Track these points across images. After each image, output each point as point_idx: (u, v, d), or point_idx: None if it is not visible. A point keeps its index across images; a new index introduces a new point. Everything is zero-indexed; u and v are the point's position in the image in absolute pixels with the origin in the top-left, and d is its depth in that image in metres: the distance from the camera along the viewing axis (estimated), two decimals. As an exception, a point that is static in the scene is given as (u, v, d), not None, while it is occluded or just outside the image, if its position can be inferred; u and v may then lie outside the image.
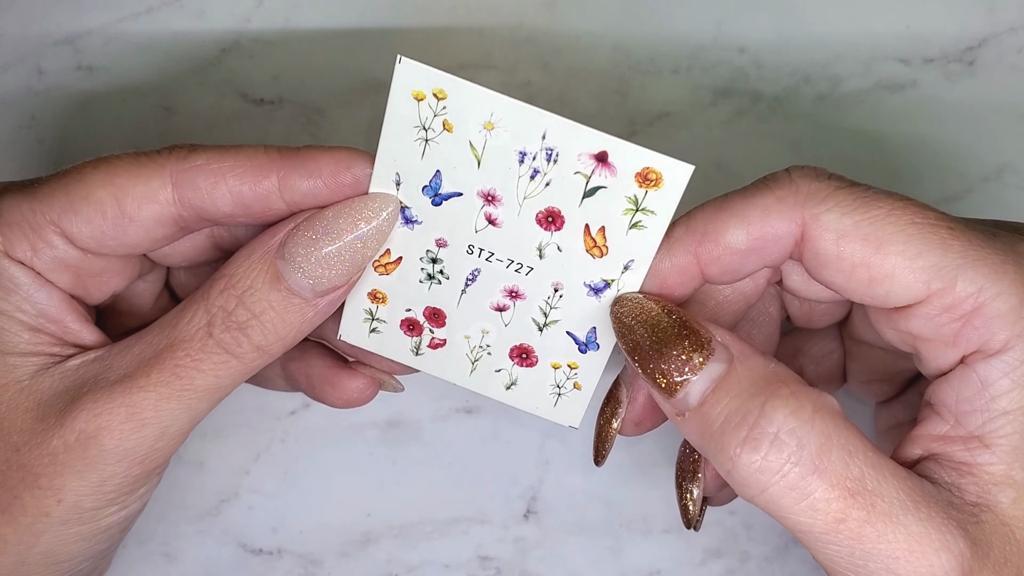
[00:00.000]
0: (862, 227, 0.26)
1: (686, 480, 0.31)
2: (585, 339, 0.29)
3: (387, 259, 0.30)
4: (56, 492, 0.27)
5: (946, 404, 0.27)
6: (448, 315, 0.30)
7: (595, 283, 0.28)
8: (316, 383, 0.33)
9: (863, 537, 0.24)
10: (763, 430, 0.25)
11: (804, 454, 0.25)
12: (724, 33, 0.39)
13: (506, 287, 0.29)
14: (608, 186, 0.27)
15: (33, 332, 0.28)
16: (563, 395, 0.31)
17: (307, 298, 0.28)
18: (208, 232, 0.32)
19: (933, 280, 0.25)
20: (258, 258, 0.28)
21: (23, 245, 0.28)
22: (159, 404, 0.27)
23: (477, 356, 0.31)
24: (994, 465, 0.25)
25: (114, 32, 0.39)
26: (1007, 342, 0.25)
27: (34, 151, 0.39)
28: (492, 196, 0.28)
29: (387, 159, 0.28)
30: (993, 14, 0.39)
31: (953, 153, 0.39)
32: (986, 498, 0.25)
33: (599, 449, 0.31)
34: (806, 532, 0.25)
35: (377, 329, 0.31)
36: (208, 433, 0.39)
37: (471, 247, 0.29)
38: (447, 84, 0.26)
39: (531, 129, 0.26)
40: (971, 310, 0.25)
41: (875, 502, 0.24)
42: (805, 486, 0.24)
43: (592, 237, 0.28)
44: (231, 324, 0.28)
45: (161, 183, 0.28)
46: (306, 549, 0.39)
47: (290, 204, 0.28)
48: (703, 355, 0.26)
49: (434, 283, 0.30)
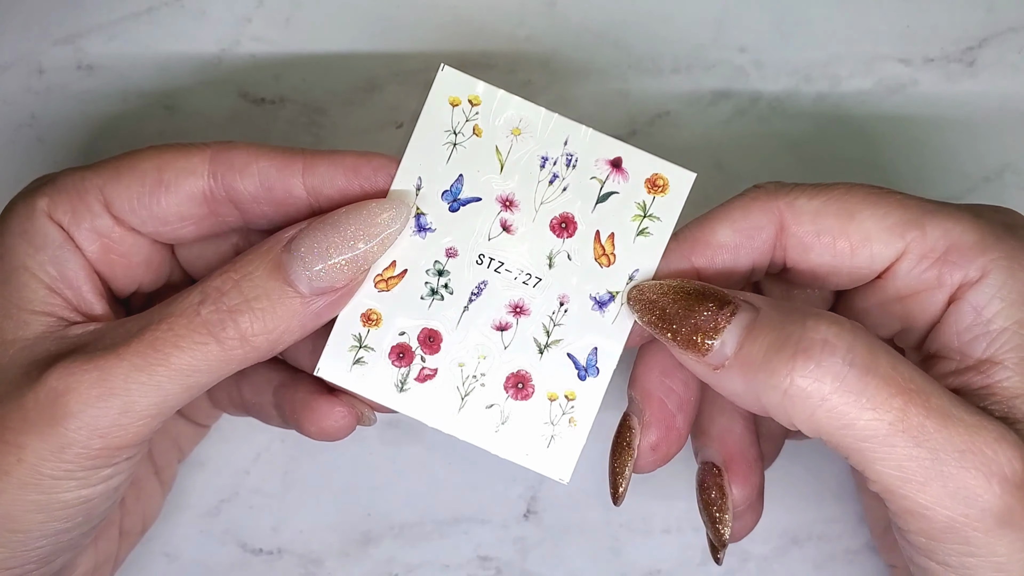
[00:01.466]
0: (830, 204, 0.28)
1: (712, 495, 0.31)
2: (585, 362, 0.30)
3: (390, 273, 0.30)
4: (18, 450, 0.27)
5: (947, 344, 0.28)
6: (444, 338, 0.30)
7: (600, 296, 0.29)
8: (297, 408, 0.31)
9: (928, 432, 0.25)
10: (811, 339, 0.25)
11: (856, 356, 0.25)
12: (724, 33, 0.39)
13: (511, 302, 0.30)
14: (620, 191, 0.29)
15: (49, 292, 0.29)
16: (556, 436, 0.30)
17: (303, 293, 0.28)
18: (233, 242, 0.33)
19: (906, 231, 0.28)
20: (265, 249, 0.28)
21: (65, 207, 0.29)
22: (129, 375, 0.27)
23: (469, 388, 0.30)
24: (1010, 378, 0.27)
25: (114, 32, 0.39)
26: (984, 267, 0.27)
27: (34, 150, 0.39)
28: (510, 201, 0.29)
29: (413, 161, 0.29)
30: (993, 14, 0.39)
31: (953, 153, 0.39)
32: (1012, 412, 0.26)
33: (616, 486, 0.30)
34: (870, 438, 0.25)
35: (362, 359, 0.30)
36: (208, 433, 0.39)
37: (481, 256, 0.29)
38: (484, 92, 0.29)
39: (555, 135, 0.29)
40: (945, 249, 0.28)
41: (929, 399, 0.25)
42: (863, 387, 0.25)
43: (601, 244, 0.29)
44: (221, 306, 0.28)
45: (201, 159, 0.30)
46: (306, 549, 0.39)
47: (309, 191, 0.29)
48: (731, 308, 0.27)
49: (436, 299, 0.30)
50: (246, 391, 0.34)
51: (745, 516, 0.32)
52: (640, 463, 0.30)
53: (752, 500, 0.31)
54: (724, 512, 0.31)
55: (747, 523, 0.32)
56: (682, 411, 0.30)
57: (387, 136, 0.39)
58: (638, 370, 0.30)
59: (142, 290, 0.32)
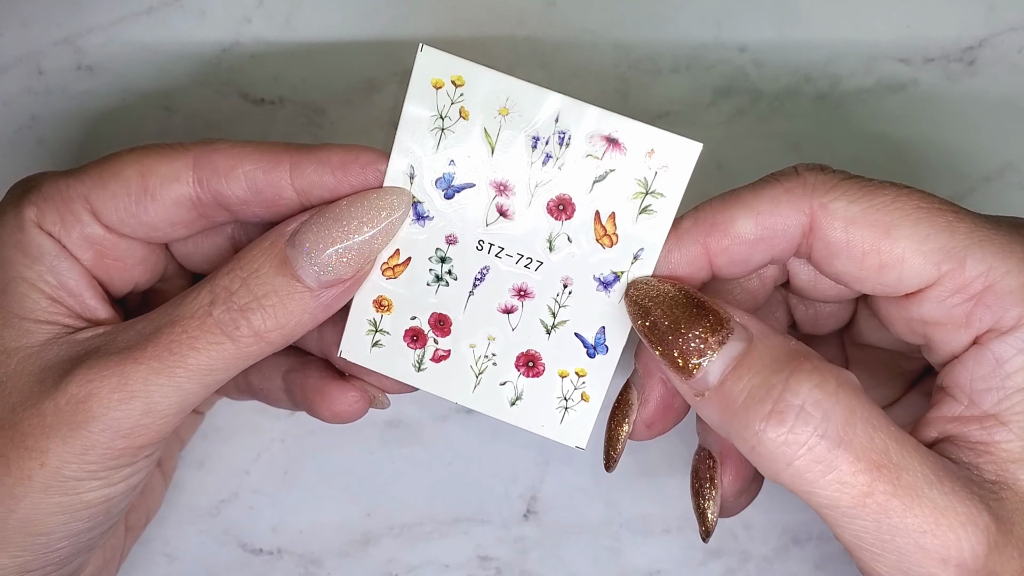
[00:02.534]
0: (869, 214, 0.26)
1: (703, 487, 0.31)
2: (594, 341, 0.29)
3: (395, 261, 0.30)
4: (40, 455, 0.27)
5: (960, 385, 0.27)
6: (454, 321, 0.30)
7: (605, 276, 0.29)
8: (309, 393, 0.32)
9: (890, 511, 0.24)
10: (788, 403, 0.25)
11: (830, 427, 0.24)
12: (724, 33, 0.39)
13: (515, 286, 0.29)
14: (618, 168, 0.27)
15: (52, 302, 0.29)
16: (570, 408, 0.30)
17: (312, 287, 0.28)
18: (228, 234, 0.32)
19: (943, 262, 0.26)
20: (268, 244, 0.28)
21: (54, 217, 0.29)
22: (149, 378, 0.27)
23: (482, 367, 0.30)
24: (1011, 442, 0.25)
25: (114, 32, 0.39)
26: (1020, 318, 0.25)
27: (34, 151, 0.39)
28: (504, 186, 0.28)
29: (403, 150, 0.28)
30: (993, 14, 0.39)
31: (954, 152, 0.39)
32: (1004, 476, 0.25)
33: (609, 454, 0.30)
34: (832, 507, 0.25)
35: (380, 342, 0.31)
36: (208, 433, 0.39)
37: (481, 243, 0.29)
38: (466, 70, 0.27)
39: (544, 112, 0.27)
40: (982, 289, 0.26)
41: (900, 475, 0.24)
42: (832, 459, 0.24)
43: (602, 225, 0.28)
44: (232, 305, 0.28)
45: (184, 164, 0.29)
46: (306, 549, 0.39)
47: (299, 192, 0.29)
48: (722, 334, 0.26)
49: (442, 285, 0.30)
50: (254, 378, 0.34)
51: (740, 499, 0.32)
52: (635, 435, 0.30)
53: (744, 489, 0.31)
54: (711, 501, 0.31)
55: (740, 503, 0.32)
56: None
57: (387, 136, 0.39)
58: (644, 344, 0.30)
59: (138, 288, 0.32)
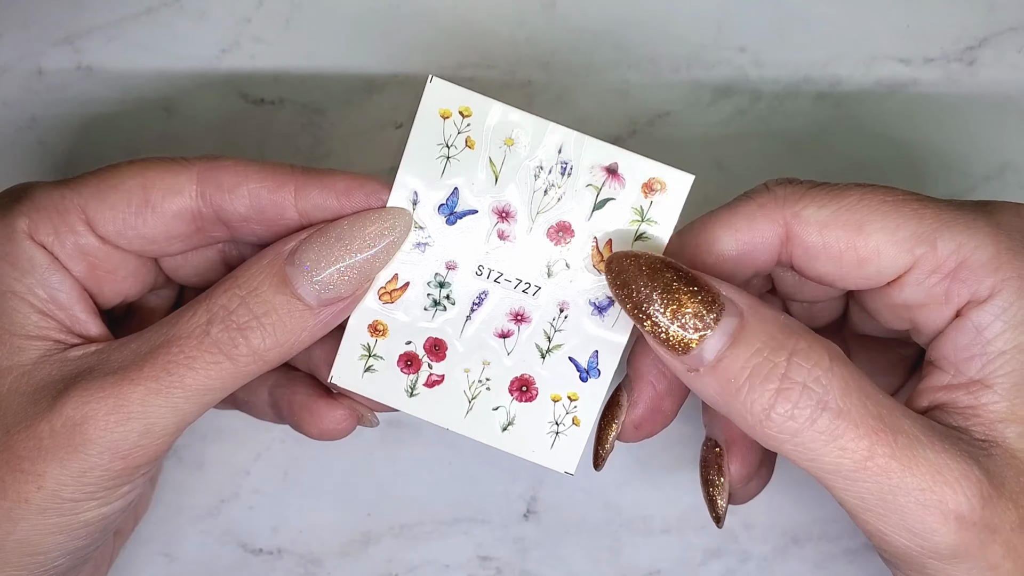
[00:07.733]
0: (840, 215, 0.28)
1: (712, 475, 0.32)
2: (587, 365, 0.30)
3: (393, 285, 0.30)
4: (37, 478, 0.27)
5: (946, 356, 0.28)
6: (449, 346, 0.30)
7: (600, 301, 0.30)
8: (296, 410, 0.32)
9: (890, 472, 0.25)
10: (793, 381, 0.26)
11: (830, 399, 0.26)
12: (724, 33, 0.39)
13: (512, 310, 0.30)
14: (617, 198, 0.29)
15: (42, 316, 0.29)
16: (561, 433, 0.30)
17: (311, 305, 0.28)
18: (219, 248, 0.32)
19: (916, 247, 0.27)
20: (267, 262, 0.28)
21: (47, 228, 0.29)
22: (146, 399, 0.27)
23: (475, 392, 0.30)
24: (997, 403, 0.27)
25: (114, 32, 0.39)
26: (994, 287, 0.27)
27: (35, 152, 0.39)
28: (506, 212, 0.29)
29: (407, 176, 0.29)
30: (993, 14, 0.39)
31: (954, 152, 0.39)
32: (993, 435, 0.27)
33: (598, 452, 0.31)
34: (835, 472, 0.26)
35: (372, 367, 0.31)
36: (208, 433, 0.39)
37: (480, 268, 0.29)
38: (473, 102, 0.28)
39: (548, 144, 0.28)
40: (955, 266, 0.27)
41: (897, 437, 0.26)
42: (834, 428, 0.26)
43: (599, 251, 0.29)
44: (230, 324, 0.28)
45: (188, 178, 0.29)
46: (306, 549, 0.39)
47: (302, 214, 0.29)
48: (715, 310, 0.26)
49: (439, 310, 0.30)
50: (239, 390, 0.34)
51: (749, 487, 0.33)
52: (623, 436, 0.31)
53: (752, 476, 0.32)
54: (720, 489, 0.32)
55: (751, 490, 0.33)
56: (671, 395, 0.30)
57: (386, 136, 0.39)
58: (636, 347, 0.31)
59: (126, 300, 0.32)
